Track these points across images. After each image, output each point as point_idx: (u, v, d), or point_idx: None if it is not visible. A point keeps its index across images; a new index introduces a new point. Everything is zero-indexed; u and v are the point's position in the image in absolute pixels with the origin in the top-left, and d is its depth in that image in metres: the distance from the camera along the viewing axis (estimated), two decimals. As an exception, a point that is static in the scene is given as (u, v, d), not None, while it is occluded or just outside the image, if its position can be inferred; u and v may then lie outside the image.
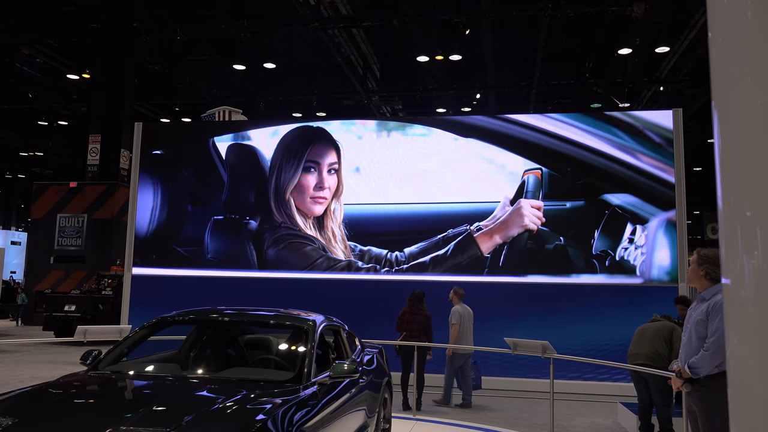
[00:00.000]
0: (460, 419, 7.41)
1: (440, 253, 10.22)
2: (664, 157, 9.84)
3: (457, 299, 8.61)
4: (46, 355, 12.88)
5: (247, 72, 22.97)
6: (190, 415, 3.12)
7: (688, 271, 4.22)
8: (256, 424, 3.11)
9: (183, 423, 3.01)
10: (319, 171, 10.70)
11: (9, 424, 3.02)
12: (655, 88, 20.97)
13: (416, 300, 8.44)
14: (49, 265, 19.82)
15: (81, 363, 4.32)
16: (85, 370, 4.15)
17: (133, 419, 3.08)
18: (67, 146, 31.98)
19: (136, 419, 3.09)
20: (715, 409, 3.90)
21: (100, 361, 4.22)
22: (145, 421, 3.07)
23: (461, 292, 8.67)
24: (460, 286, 8.81)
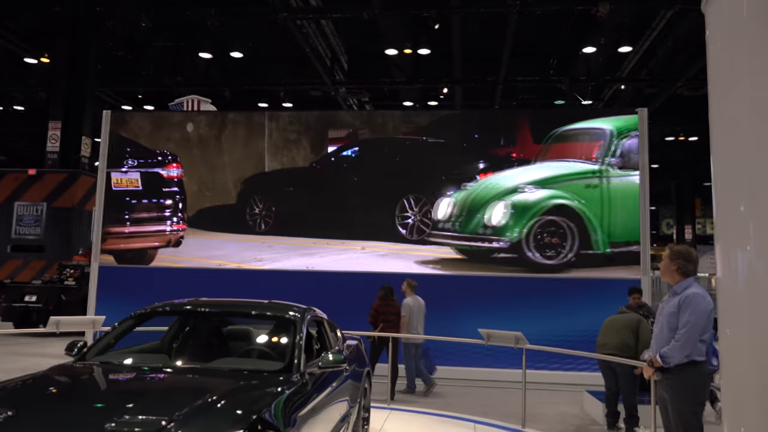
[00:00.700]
0: (432, 408, 7.58)
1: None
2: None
3: (410, 291, 8.86)
4: (7, 347, 12.56)
5: (213, 60, 22.67)
6: (189, 405, 3.16)
7: (660, 266, 4.44)
8: (255, 413, 3.18)
9: (182, 413, 3.06)
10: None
11: (7, 416, 3.02)
12: (616, 86, 21.52)
13: (389, 292, 8.63)
14: (5, 254, 19.26)
15: (67, 353, 4.30)
16: (72, 361, 4.14)
17: (131, 410, 3.12)
18: (22, 132, 30.98)
19: (135, 410, 3.12)
20: (684, 395, 4.14)
21: (87, 352, 4.21)
22: (144, 412, 3.11)
23: (414, 284, 8.94)
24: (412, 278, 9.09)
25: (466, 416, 7.14)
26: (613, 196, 10.26)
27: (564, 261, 10.22)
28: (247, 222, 10.93)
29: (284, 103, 24.43)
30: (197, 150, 11.18)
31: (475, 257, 10.34)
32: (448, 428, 6.58)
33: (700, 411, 4.19)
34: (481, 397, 8.62)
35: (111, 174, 11.22)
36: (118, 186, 11.17)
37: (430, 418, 7.05)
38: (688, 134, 26.86)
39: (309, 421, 3.75)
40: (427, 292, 9.95)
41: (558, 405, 8.14)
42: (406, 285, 8.92)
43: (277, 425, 3.24)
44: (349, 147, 10.99)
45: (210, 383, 3.65)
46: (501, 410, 7.65)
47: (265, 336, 4.71)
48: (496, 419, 7.08)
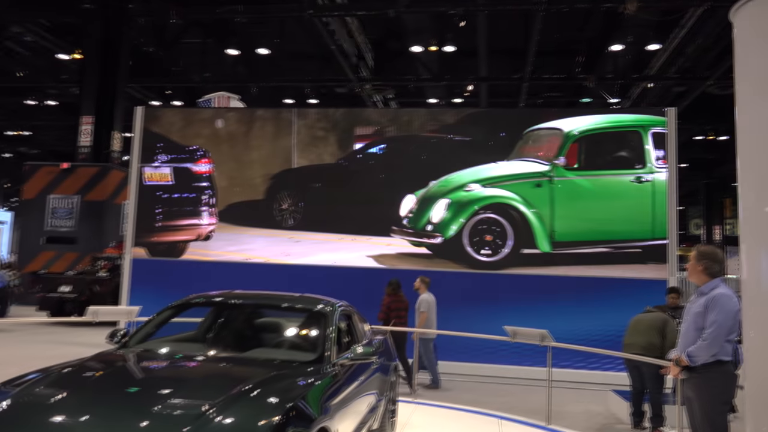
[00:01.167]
0: (458, 403, 7.68)
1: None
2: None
3: (424, 287, 8.95)
4: (44, 335, 12.94)
5: (240, 57, 22.96)
6: (227, 392, 3.31)
7: (687, 267, 4.48)
8: (290, 401, 3.31)
9: (221, 400, 3.20)
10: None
11: (59, 398, 3.20)
12: (644, 84, 21.31)
13: (396, 287, 8.77)
14: (39, 246, 19.80)
15: (108, 341, 4.48)
16: (115, 348, 4.32)
17: (173, 395, 3.27)
18: (54, 127, 31.69)
19: (177, 395, 3.28)
20: (710, 394, 4.18)
21: (129, 340, 4.39)
22: (185, 397, 3.27)
23: (428, 280, 9.07)
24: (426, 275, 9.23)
25: (492, 412, 7.22)
26: (560, 197, 10.35)
27: (500, 259, 10.34)
28: (275, 217, 11.12)
29: (310, 99, 24.66)
30: (226, 146, 11.40)
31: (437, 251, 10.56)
32: (473, 423, 6.66)
33: (725, 410, 4.23)
34: (506, 393, 8.69)
35: (143, 169, 11.49)
36: (150, 180, 11.43)
37: (455, 413, 7.15)
38: (718, 133, 26.49)
39: (340, 410, 3.88)
40: (453, 289, 10.09)
41: (583, 403, 8.18)
42: (420, 282, 9.01)
43: (311, 413, 3.38)
44: (375, 144, 11.10)
45: (246, 372, 3.80)
46: (526, 407, 7.72)
47: (297, 328, 4.85)
48: (521, 415, 7.15)
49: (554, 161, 10.35)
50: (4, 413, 3.06)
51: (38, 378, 3.43)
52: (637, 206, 10.17)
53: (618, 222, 10.15)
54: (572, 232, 10.24)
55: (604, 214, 10.19)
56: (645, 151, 10.23)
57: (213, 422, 3.00)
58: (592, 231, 10.20)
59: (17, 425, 2.96)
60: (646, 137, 10.24)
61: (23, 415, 3.04)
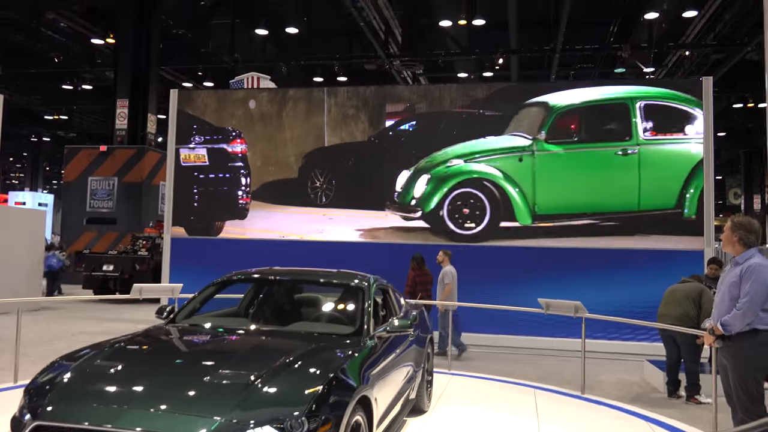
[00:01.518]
0: (492, 374, 7.81)
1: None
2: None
3: (448, 260, 9.09)
4: (88, 312, 13.46)
5: (269, 37, 23.03)
6: (272, 363, 3.48)
7: (722, 238, 4.49)
8: (332, 371, 3.47)
9: (267, 370, 3.38)
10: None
11: (118, 369, 3.41)
12: (680, 53, 20.77)
13: (421, 262, 8.95)
14: (82, 227, 20.46)
15: (157, 317, 4.71)
16: (164, 323, 4.54)
17: (222, 366, 3.46)
18: (90, 110, 32.38)
19: (226, 366, 3.47)
20: (744, 362, 4.23)
21: (176, 315, 4.61)
22: (233, 368, 3.45)
23: (450, 253, 9.25)
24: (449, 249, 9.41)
25: (526, 382, 7.34)
26: (542, 171, 10.36)
27: (479, 232, 10.46)
28: (309, 195, 11.29)
29: (339, 77, 24.65)
30: (260, 126, 11.57)
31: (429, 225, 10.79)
32: (508, 393, 6.79)
33: (760, 377, 4.26)
34: (540, 364, 8.79)
35: (179, 150, 11.75)
36: (187, 162, 11.70)
37: (490, 383, 7.28)
38: (757, 100, 25.71)
39: (379, 380, 4.03)
40: (488, 262, 10.21)
41: (617, 373, 8.24)
42: (443, 254, 9.19)
43: (352, 383, 3.53)
44: (406, 121, 11.15)
45: (289, 344, 3.97)
46: (560, 377, 7.82)
47: (336, 302, 5.01)
48: (556, 385, 7.25)
49: (537, 135, 10.41)
50: (69, 384, 3.28)
51: (97, 352, 3.66)
52: (622, 179, 10.19)
53: (602, 195, 10.19)
54: (555, 205, 10.34)
55: (587, 187, 10.26)
56: (632, 123, 10.21)
57: (260, 391, 3.18)
58: (575, 204, 10.29)
59: (81, 395, 3.18)
60: (634, 110, 10.20)
61: (86, 385, 3.26)
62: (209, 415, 2.95)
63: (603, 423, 5.77)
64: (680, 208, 10.03)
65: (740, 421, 4.23)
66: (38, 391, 3.24)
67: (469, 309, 9.04)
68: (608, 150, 10.28)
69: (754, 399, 4.19)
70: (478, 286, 9.76)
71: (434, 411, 5.82)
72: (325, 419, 3.11)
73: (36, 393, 3.23)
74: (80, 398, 3.15)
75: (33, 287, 13.40)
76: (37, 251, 13.82)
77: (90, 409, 3.04)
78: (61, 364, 3.52)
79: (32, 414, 3.07)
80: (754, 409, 4.16)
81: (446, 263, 9.12)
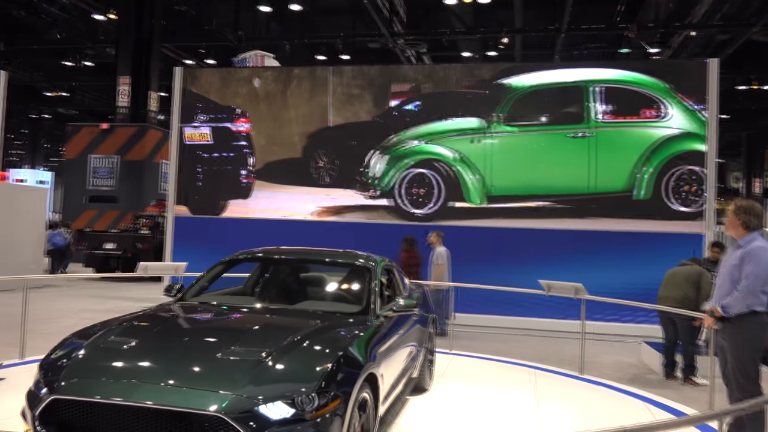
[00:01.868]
0: (492, 354, 7.92)
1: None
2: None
3: (440, 241, 9.17)
4: (90, 290, 13.57)
5: (273, 14, 22.86)
6: (282, 341, 3.56)
7: (726, 221, 4.54)
8: (341, 349, 3.56)
9: (278, 347, 3.46)
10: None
11: (132, 345, 3.49)
12: (686, 33, 20.61)
13: (413, 243, 9.04)
14: (82, 205, 20.51)
15: (165, 294, 4.78)
16: (173, 300, 4.62)
17: (234, 343, 3.53)
18: (92, 87, 32.22)
19: (238, 343, 3.54)
20: (743, 343, 4.30)
21: (185, 293, 4.68)
22: (245, 344, 3.53)
23: (442, 234, 9.33)
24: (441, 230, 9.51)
25: (526, 362, 7.45)
26: (497, 152, 10.51)
27: (431, 211, 10.68)
28: (312, 175, 11.33)
29: (342, 55, 24.50)
30: (264, 105, 11.57)
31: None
32: (508, 373, 6.89)
33: (758, 358, 4.34)
34: (539, 345, 8.91)
35: (183, 129, 11.76)
36: (191, 140, 11.71)
37: (490, 363, 7.39)
38: (762, 82, 25.58)
39: (385, 359, 4.11)
40: (490, 243, 10.29)
41: (615, 354, 8.35)
42: (435, 236, 9.27)
43: (360, 360, 3.61)
44: (411, 101, 11.14)
45: (298, 323, 4.05)
46: (558, 357, 7.93)
47: (343, 282, 5.08)
48: (555, 366, 7.36)
49: (493, 117, 10.51)
50: (84, 359, 3.36)
51: (110, 328, 3.73)
52: (575, 161, 10.28)
53: (556, 177, 10.31)
54: (509, 186, 10.47)
55: (542, 169, 10.38)
56: (586, 107, 10.29)
57: (271, 368, 3.26)
58: (530, 186, 10.42)
59: (96, 370, 3.27)
60: (589, 93, 10.28)
61: (101, 361, 3.34)
62: (222, 390, 3.03)
63: (601, 402, 5.88)
64: (632, 190, 10.14)
65: (736, 401, 4.32)
66: (54, 366, 3.32)
67: (463, 289, 9.14)
68: (563, 133, 10.42)
69: (751, 379, 4.27)
70: (469, 266, 9.91)
71: (436, 389, 5.92)
72: (335, 395, 3.20)
73: (51, 368, 3.30)
74: (96, 373, 3.23)
75: (36, 264, 13.49)
76: (38, 229, 13.90)
77: (105, 384, 3.12)
78: (75, 341, 3.59)
79: (49, 388, 3.15)
80: (750, 388, 4.24)
81: (438, 244, 9.20)
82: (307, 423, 3.06)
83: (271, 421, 2.99)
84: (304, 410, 3.07)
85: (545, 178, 10.36)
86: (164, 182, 20.76)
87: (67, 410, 3.12)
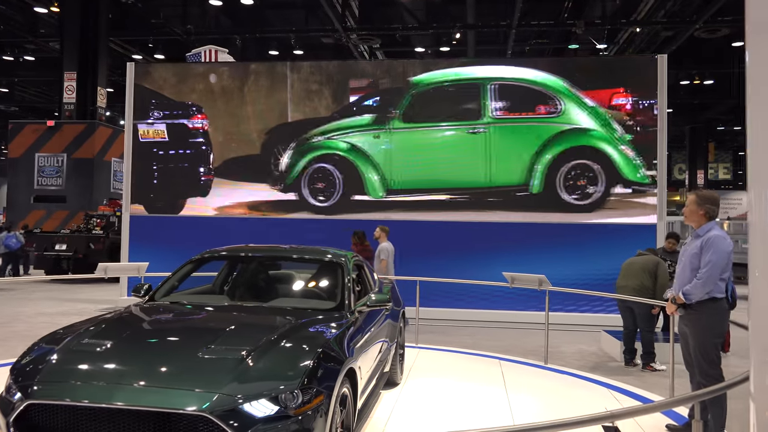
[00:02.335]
0: (459, 347, 8.03)
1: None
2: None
3: (385, 236, 9.25)
4: (43, 293, 13.11)
5: (223, 8, 22.45)
6: (261, 339, 3.53)
7: (685, 211, 4.71)
8: (320, 346, 3.55)
9: (257, 346, 3.42)
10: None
11: (107, 347, 3.39)
12: (632, 29, 21.25)
13: (363, 237, 9.13)
14: (29, 205, 19.75)
15: (134, 295, 4.67)
16: (143, 301, 4.51)
17: (213, 342, 3.48)
18: (33, 82, 31.00)
19: (216, 342, 3.49)
20: (704, 328, 4.48)
21: (154, 293, 4.58)
22: (225, 344, 3.49)
23: (387, 229, 9.41)
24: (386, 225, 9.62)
25: (492, 354, 7.58)
26: (396, 147, 10.87)
27: (332, 205, 11.03)
28: (272, 172, 11.21)
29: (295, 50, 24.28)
30: (221, 101, 11.37)
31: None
32: (475, 365, 7.00)
33: (718, 344, 4.53)
34: (503, 337, 9.07)
35: (137, 125, 11.45)
36: (145, 137, 11.42)
37: (458, 356, 7.48)
38: (703, 78, 26.61)
39: (362, 353, 4.13)
40: (449, 237, 10.42)
41: (576, 344, 8.58)
42: (380, 230, 9.31)
43: (340, 356, 3.62)
44: (370, 97, 11.15)
45: (275, 320, 4.02)
46: (523, 348, 8.10)
47: (317, 278, 5.06)
48: (520, 356, 7.51)
49: (394, 113, 10.86)
50: (59, 362, 3.25)
51: (82, 331, 3.62)
52: (471, 156, 10.66)
53: (454, 171, 10.67)
54: (409, 180, 10.80)
55: (440, 163, 10.73)
56: (482, 104, 10.67)
57: (253, 366, 3.24)
58: (429, 180, 10.76)
59: (73, 373, 3.17)
60: (485, 91, 10.65)
61: (77, 364, 3.24)
62: (205, 390, 2.99)
63: (567, 390, 6.04)
64: (527, 184, 10.56)
65: (698, 385, 4.49)
66: (26, 371, 3.21)
67: (425, 283, 9.23)
68: (460, 128, 10.74)
69: (713, 363, 4.45)
70: (448, 261, 10.04)
71: (406, 383, 5.97)
72: (317, 391, 3.20)
73: (23, 373, 3.19)
74: (72, 376, 3.13)
75: (-17, 267, 12.94)
76: (-14, 230, 13.33)
77: (82, 387, 3.04)
78: (45, 346, 3.47)
79: (23, 393, 3.05)
80: (712, 372, 4.42)
81: (383, 239, 9.22)
82: (291, 419, 3.05)
83: (256, 418, 2.98)
84: (287, 407, 3.06)
85: (444, 172, 10.69)
86: (116, 180, 20.18)
87: (43, 415, 3.02)
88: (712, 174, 35.58)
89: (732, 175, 39.79)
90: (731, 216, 27.42)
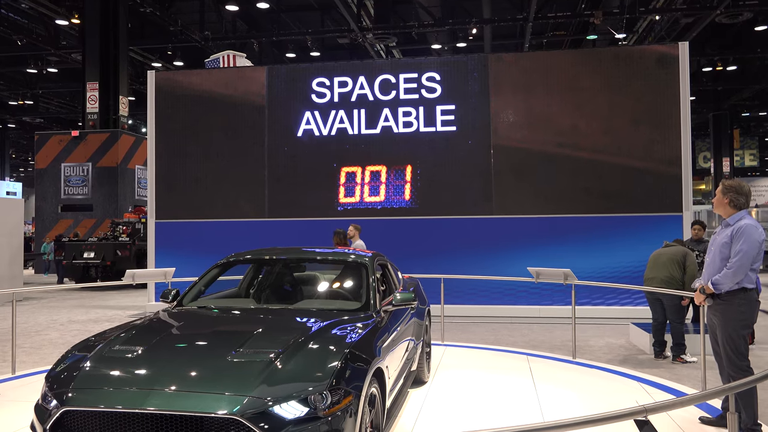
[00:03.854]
0: (484, 343, 8.00)
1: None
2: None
3: (358, 234, 9.21)
4: (73, 301, 13.34)
5: (239, 13, 22.63)
6: (290, 341, 3.55)
7: (714, 201, 4.64)
8: (348, 347, 3.56)
9: (286, 348, 3.45)
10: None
11: (138, 353, 3.44)
12: (651, 18, 20.94)
13: (343, 237, 9.06)
14: (57, 214, 20.13)
15: (162, 300, 4.73)
16: (171, 307, 4.57)
17: (242, 345, 3.51)
18: (57, 94, 31.57)
19: (246, 345, 3.52)
20: (732, 319, 4.40)
21: (182, 298, 4.63)
22: (256, 346, 3.52)
23: (359, 227, 9.31)
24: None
25: (519, 349, 7.54)
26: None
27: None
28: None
29: (312, 52, 24.39)
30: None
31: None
32: (503, 361, 6.97)
33: (746, 334, 4.45)
34: (529, 332, 9.01)
35: (160, 133, 11.57)
36: (168, 144, 11.54)
37: (484, 353, 7.46)
38: (726, 64, 26.14)
39: (389, 353, 4.14)
40: (473, 234, 10.39)
41: (604, 337, 8.49)
42: (353, 229, 9.23)
43: (368, 356, 3.63)
44: None
45: (301, 322, 4.05)
46: (550, 343, 8.04)
47: (340, 279, 5.08)
48: (547, 351, 7.46)
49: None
50: (93, 369, 3.31)
51: (114, 338, 3.68)
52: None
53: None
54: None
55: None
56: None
57: (283, 369, 3.26)
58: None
59: (107, 379, 3.23)
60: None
61: (110, 370, 3.30)
62: (235, 393, 3.02)
63: (597, 383, 5.98)
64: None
65: (728, 377, 4.43)
66: (61, 378, 3.27)
67: (449, 280, 9.20)
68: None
69: (741, 354, 4.37)
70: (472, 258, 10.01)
71: (434, 381, 5.96)
72: (346, 392, 3.21)
73: (59, 381, 3.25)
74: (105, 382, 3.19)
75: (14, 276, 13.21)
76: (16, 241, 13.60)
77: (115, 393, 3.09)
78: (78, 354, 3.54)
79: (58, 401, 3.11)
80: (741, 363, 4.35)
81: (356, 238, 9.18)
82: (321, 421, 3.06)
83: (286, 420, 2.99)
84: (317, 408, 3.07)
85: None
86: (140, 188, 20.47)
87: (78, 421, 3.07)
88: (738, 161, 34.91)
89: (759, 161, 38.99)
90: (759, 204, 26.90)
